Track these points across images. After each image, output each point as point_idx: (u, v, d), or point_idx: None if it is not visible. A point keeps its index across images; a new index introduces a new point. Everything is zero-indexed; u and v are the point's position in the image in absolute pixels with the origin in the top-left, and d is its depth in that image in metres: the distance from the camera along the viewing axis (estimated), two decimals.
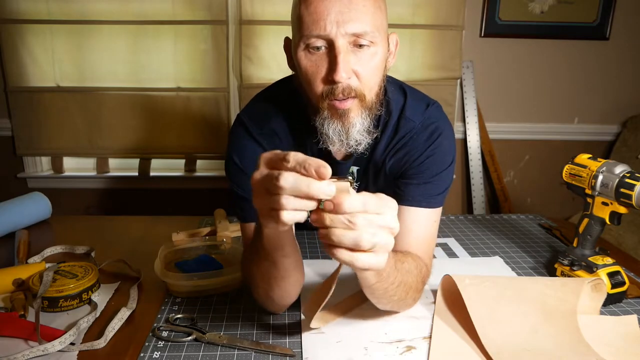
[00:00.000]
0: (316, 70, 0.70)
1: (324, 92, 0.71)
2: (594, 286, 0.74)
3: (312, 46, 0.69)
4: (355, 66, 0.70)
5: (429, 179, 0.81)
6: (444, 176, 0.82)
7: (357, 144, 0.75)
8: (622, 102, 2.22)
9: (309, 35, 0.68)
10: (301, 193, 0.47)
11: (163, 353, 0.64)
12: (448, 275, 0.76)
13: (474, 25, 2.07)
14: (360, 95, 0.71)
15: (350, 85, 0.70)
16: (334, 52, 0.68)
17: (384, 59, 0.74)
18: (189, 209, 2.19)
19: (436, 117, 0.83)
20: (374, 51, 0.70)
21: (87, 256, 0.95)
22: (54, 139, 2.05)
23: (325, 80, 0.70)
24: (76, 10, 1.91)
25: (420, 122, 0.82)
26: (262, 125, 0.81)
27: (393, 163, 0.82)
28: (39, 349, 0.62)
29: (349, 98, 0.71)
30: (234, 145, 0.82)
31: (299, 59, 0.71)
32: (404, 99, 0.83)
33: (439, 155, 0.81)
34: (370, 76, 0.72)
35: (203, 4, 1.92)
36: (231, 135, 0.84)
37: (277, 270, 0.66)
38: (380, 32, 0.70)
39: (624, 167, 0.78)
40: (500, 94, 2.18)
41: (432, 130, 0.81)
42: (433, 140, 0.81)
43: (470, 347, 0.66)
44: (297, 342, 0.67)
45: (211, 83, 2.01)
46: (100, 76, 2.00)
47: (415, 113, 0.82)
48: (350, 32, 0.67)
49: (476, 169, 2.21)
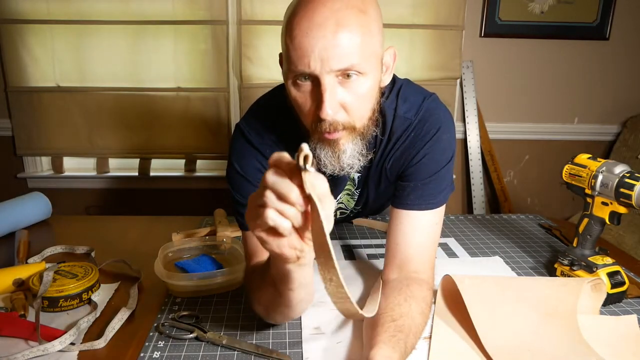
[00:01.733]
0: (304, 102, 0.69)
1: (312, 124, 0.70)
2: (594, 286, 0.74)
3: (299, 79, 0.67)
4: (343, 98, 0.67)
5: (427, 178, 0.79)
6: (443, 174, 0.80)
7: (350, 167, 0.74)
8: (622, 102, 2.22)
9: (294, 71, 0.66)
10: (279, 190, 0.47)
11: (163, 353, 0.64)
12: (448, 275, 0.76)
13: (474, 25, 2.07)
14: (350, 127, 0.70)
15: (337, 120, 0.68)
16: (319, 88, 0.65)
17: (376, 84, 0.71)
18: (189, 209, 2.19)
19: (433, 109, 0.80)
20: (363, 81, 0.67)
21: (87, 256, 0.95)
22: (54, 139, 2.05)
23: (313, 115, 0.69)
24: (76, 10, 1.92)
25: (417, 117, 0.79)
26: (262, 135, 0.80)
27: (392, 163, 0.81)
28: (39, 349, 0.62)
29: (338, 131, 0.69)
30: (235, 154, 0.81)
31: (289, 89, 0.70)
32: (395, 100, 0.80)
33: (438, 152, 0.79)
34: (360, 105, 0.69)
35: (203, 4, 1.92)
36: (232, 143, 0.83)
37: (281, 299, 0.63)
38: (370, 60, 0.67)
39: (623, 167, 0.78)
40: (500, 94, 2.18)
41: (430, 125, 0.79)
42: (431, 136, 0.79)
43: (470, 347, 0.66)
44: (298, 342, 0.67)
45: (211, 83, 2.01)
46: (100, 76, 2.00)
47: (410, 109, 0.80)
48: (336, 69, 0.64)
49: (476, 169, 2.21)
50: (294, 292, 0.61)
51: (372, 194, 0.90)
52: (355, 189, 0.89)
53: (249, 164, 0.79)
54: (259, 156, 0.79)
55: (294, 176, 0.47)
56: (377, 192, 0.88)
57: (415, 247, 0.77)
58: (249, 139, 0.80)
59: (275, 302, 0.65)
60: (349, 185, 0.89)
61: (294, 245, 0.51)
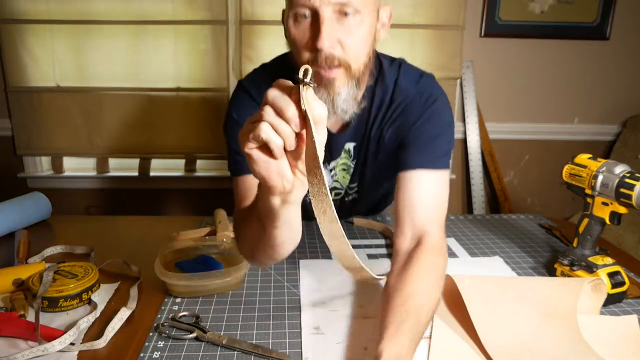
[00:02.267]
0: (302, 38, 0.72)
1: (309, 59, 0.73)
2: (594, 286, 0.74)
3: (299, 14, 0.71)
4: (340, 35, 0.71)
5: (429, 142, 0.81)
6: (443, 140, 0.82)
7: (344, 113, 0.78)
8: (622, 102, 2.22)
9: (295, 4, 0.71)
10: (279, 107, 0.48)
11: (163, 353, 0.64)
12: (448, 275, 0.76)
13: (474, 25, 2.07)
14: (345, 64, 0.73)
15: (334, 54, 0.71)
16: (318, 21, 0.69)
17: (372, 29, 0.75)
18: (189, 209, 2.19)
19: (430, 85, 0.85)
20: (359, 20, 0.71)
21: (87, 256, 0.95)
22: (54, 139, 2.05)
23: (310, 48, 0.72)
24: (76, 10, 1.92)
25: (415, 90, 0.84)
26: (261, 88, 0.84)
27: (391, 133, 0.84)
28: (39, 349, 0.62)
29: (333, 68, 0.72)
30: (234, 105, 0.88)
31: (289, 28, 0.74)
32: (397, 71, 0.86)
33: (436, 119, 0.83)
34: (356, 45, 0.73)
35: (203, 4, 1.92)
36: (232, 97, 0.90)
37: (265, 236, 0.64)
38: (367, 3, 0.72)
39: (624, 167, 0.78)
40: (500, 94, 2.18)
41: (427, 97, 0.84)
42: (428, 105, 0.83)
43: (470, 347, 0.66)
44: (297, 342, 0.67)
45: (211, 83, 2.02)
46: (100, 76, 2.00)
47: (409, 83, 0.85)
48: (335, 1, 0.69)
49: (476, 169, 2.21)
50: (279, 229, 0.61)
51: (369, 168, 0.89)
52: (351, 160, 0.89)
53: (246, 113, 0.84)
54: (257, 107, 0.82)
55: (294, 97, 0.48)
56: (375, 164, 0.88)
57: (424, 208, 0.78)
58: (249, 91, 0.87)
59: (260, 240, 0.66)
60: (344, 157, 0.89)
61: (282, 172, 0.51)
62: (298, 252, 0.95)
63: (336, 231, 0.52)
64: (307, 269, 0.88)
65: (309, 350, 0.65)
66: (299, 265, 0.90)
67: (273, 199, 0.55)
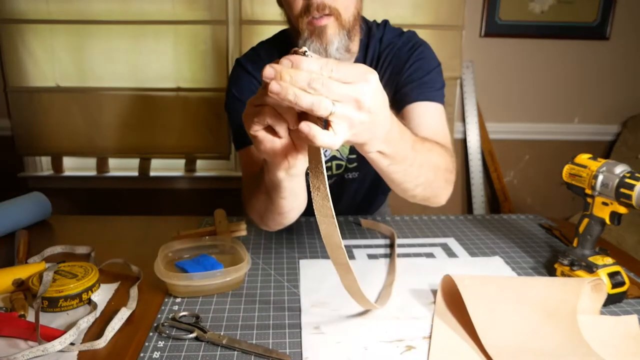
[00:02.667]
0: None
1: (302, 10, 0.81)
2: (594, 286, 0.74)
3: None
4: None
5: (422, 77, 0.90)
6: (435, 75, 0.92)
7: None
8: (622, 102, 2.22)
9: None
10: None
11: (163, 353, 0.64)
12: (448, 275, 0.76)
13: (474, 25, 2.08)
14: (336, 12, 0.80)
15: (324, 2, 0.79)
16: None
17: None
18: (189, 209, 2.19)
19: (413, 36, 0.97)
20: None
21: (87, 256, 0.95)
22: (54, 139, 2.06)
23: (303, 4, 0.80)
24: (76, 10, 1.92)
25: (400, 41, 0.95)
26: (257, 62, 0.95)
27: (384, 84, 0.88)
28: (38, 349, 0.62)
29: (324, 16, 0.80)
30: (232, 81, 0.97)
31: None
32: (383, 29, 0.97)
33: (425, 60, 0.93)
34: None
35: (203, 4, 1.92)
36: (230, 75, 0.99)
37: (273, 206, 0.70)
38: None
39: (624, 167, 0.78)
40: (500, 94, 2.18)
41: (412, 44, 0.95)
42: (414, 50, 0.93)
43: (470, 347, 0.66)
44: (297, 342, 0.67)
45: (211, 83, 2.02)
46: (100, 76, 2.00)
47: (393, 36, 0.96)
48: None
49: (476, 169, 2.21)
50: (286, 200, 0.67)
51: None
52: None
53: (243, 86, 0.93)
54: (254, 80, 0.94)
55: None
56: None
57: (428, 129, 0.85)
58: (245, 66, 0.95)
59: (268, 209, 0.73)
60: None
61: (286, 150, 0.54)
62: (298, 252, 0.95)
63: (327, 210, 0.53)
64: (307, 269, 0.88)
65: (309, 350, 0.65)
66: (299, 265, 0.90)
67: (279, 173, 0.59)
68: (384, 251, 0.97)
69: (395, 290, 0.80)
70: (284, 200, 0.66)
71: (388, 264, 0.91)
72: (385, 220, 1.13)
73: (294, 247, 0.98)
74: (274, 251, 0.95)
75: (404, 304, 0.76)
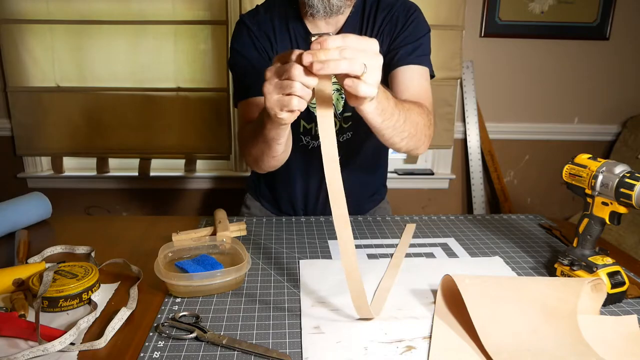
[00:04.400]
0: None
1: None
2: (594, 286, 0.74)
3: None
4: None
5: (415, 39, 1.00)
6: (425, 41, 1.02)
7: (338, 9, 0.95)
8: (622, 102, 2.23)
9: None
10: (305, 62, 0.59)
11: (163, 353, 0.64)
12: (448, 275, 0.76)
13: (474, 25, 2.08)
14: None
15: None
16: None
17: None
18: (189, 209, 2.19)
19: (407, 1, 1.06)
20: None
21: (87, 256, 0.95)
22: (54, 139, 2.06)
23: None
24: (76, 10, 1.92)
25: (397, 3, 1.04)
26: (258, 17, 1.05)
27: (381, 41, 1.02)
28: (39, 349, 0.62)
29: None
30: (235, 39, 1.06)
31: None
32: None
33: (419, 23, 1.03)
34: None
35: (203, 4, 1.93)
36: (233, 32, 1.08)
37: (269, 150, 0.85)
38: None
39: (624, 167, 0.78)
40: (500, 94, 2.18)
41: (407, 7, 1.04)
42: (410, 14, 1.03)
43: (470, 347, 0.66)
44: (297, 342, 0.67)
45: (211, 83, 2.02)
46: (100, 76, 2.00)
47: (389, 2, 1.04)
48: None
49: (476, 169, 2.21)
50: (282, 145, 0.83)
51: None
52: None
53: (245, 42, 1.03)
54: (250, 32, 1.03)
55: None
56: None
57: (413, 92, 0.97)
58: (245, 22, 1.04)
59: (264, 153, 0.88)
60: None
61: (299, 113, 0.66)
62: (298, 252, 0.95)
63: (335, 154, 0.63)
64: (307, 269, 0.88)
65: (309, 350, 0.65)
66: (299, 265, 0.90)
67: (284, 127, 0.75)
68: (384, 251, 0.97)
69: (391, 294, 0.80)
70: (280, 145, 0.82)
71: (388, 265, 0.91)
72: (385, 220, 1.13)
73: (294, 247, 0.98)
74: (274, 251, 0.95)
75: (403, 304, 0.76)
